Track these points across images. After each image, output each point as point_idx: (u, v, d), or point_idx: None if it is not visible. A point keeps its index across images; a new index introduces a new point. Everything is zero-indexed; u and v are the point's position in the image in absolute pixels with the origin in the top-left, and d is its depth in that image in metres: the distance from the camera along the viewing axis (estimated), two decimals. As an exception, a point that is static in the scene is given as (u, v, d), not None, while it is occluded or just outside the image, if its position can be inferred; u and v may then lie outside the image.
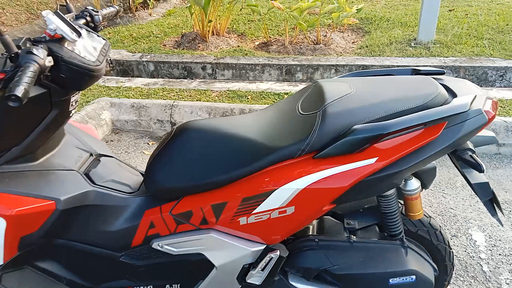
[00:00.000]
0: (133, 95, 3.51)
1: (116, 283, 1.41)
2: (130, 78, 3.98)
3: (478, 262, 1.92)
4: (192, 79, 4.14)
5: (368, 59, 3.97)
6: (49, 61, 1.00)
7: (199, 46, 4.68)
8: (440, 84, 1.19)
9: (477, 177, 1.17)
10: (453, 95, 1.14)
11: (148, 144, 3.13)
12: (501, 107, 2.94)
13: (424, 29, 4.19)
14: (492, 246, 2.01)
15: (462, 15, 5.05)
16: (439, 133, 1.07)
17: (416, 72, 1.32)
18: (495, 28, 4.47)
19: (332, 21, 4.44)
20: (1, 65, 1.03)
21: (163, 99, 3.40)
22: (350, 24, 4.89)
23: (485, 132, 1.25)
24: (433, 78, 1.23)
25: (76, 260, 1.36)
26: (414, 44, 4.21)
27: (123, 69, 4.53)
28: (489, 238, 2.06)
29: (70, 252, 1.33)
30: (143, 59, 4.42)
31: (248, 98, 3.34)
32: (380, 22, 5.00)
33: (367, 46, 4.35)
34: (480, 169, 1.12)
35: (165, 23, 5.53)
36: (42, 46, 1.00)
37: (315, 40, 4.58)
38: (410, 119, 1.03)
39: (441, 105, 1.09)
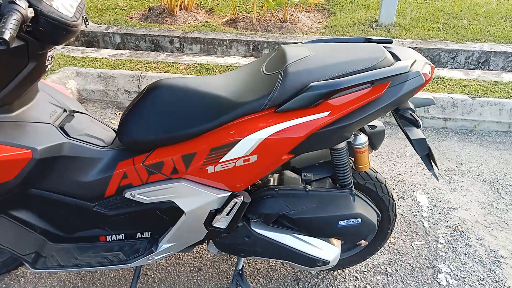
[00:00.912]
0: (99, 65, 3.50)
1: (89, 232, 1.49)
2: (95, 49, 3.93)
3: (420, 220, 2.16)
4: (160, 52, 4.15)
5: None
6: (30, 12, 1.06)
7: (167, 20, 4.67)
8: (388, 51, 1.34)
9: (416, 134, 1.34)
10: (398, 60, 1.30)
11: (115, 114, 3.16)
12: (450, 85, 3.20)
13: (385, 12, 4.39)
14: (433, 206, 2.25)
15: (421, 0, 5.30)
16: (383, 91, 1.22)
17: (368, 40, 1.47)
18: (450, 14, 4.75)
19: (299, 1, 4.55)
20: None
21: (131, 70, 3.42)
22: (316, 4, 5.03)
23: (424, 95, 1.43)
24: (383, 46, 1.39)
25: (51, 209, 1.42)
26: (376, 26, 4.42)
27: (88, 40, 4.46)
28: (431, 199, 2.30)
29: (45, 201, 1.40)
30: (109, 31, 4.37)
31: (215, 72, 3.42)
32: (345, 4, 5.16)
33: (331, 26, 4.51)
34: (417, 125, 1.29)
35: (131, -4, 5.43)
36: None
37: (282, 18, 4.68)
38: (359, 77, 1.18)
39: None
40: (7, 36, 0.92)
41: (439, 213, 2.21)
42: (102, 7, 5.00)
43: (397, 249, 1.98)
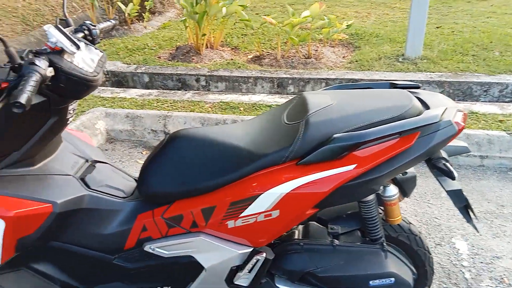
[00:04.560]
0: (127, 105, 3.58)
1: (109, 286, 1.45)
2: (125, 89, 4.05)
3: (460, 270, 1.99)
4: (186, 90, 4.22)
5: (357, 73, 4.09)
6: (50, 72, 1.07)
7: (193, 59, 4.77)
8: (415, 97, 1.28)
9: (451, 184, 1.25)
10: (426, 107, 1.23)
11: (142, 153, 3.19)
12: (484, 121, 3.05)
13: (411, 45, 4.32)
14: (475, 255, 2.08)
15: (448, 32, 5.21)
16: (413, 142, 1.15)
17: (393, 86, 1.41)
18: (479, 45, 4.63)
19: (323, 36, 4.57)
20: (4, 74, 1.09)
21: (158, 109, 3.47)
22: (340, 40, 5.03)
23: (458, 142, 1.34)
24: (409, 91, 1.32)
25: (71, 262, 1.40)
26: (402, 59, 4.35)
27: (118, 80, 4.60)
28: (472, 247, 2.14)
29: (65, 254, 1.38)
30: (138, 71, 4.50)
31: (240, 110, 3.42)
32: (369, 38, 5.14)
33: (357, 61, 4.47)
34: (452, 177, 1.20)
35: (160, 36, 5.63)
36: (43, 57, 1.07)
37: (306, 54, 4.70)
38: (386, 128, 1.11)
39: (415, 116, 1.17)
40: (23, 99, 0.93)
41: (481, 262, 2.03)
42: (132, 48, 5.19)
43: (435, 303, 1.82)
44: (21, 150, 1.25)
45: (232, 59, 4.75)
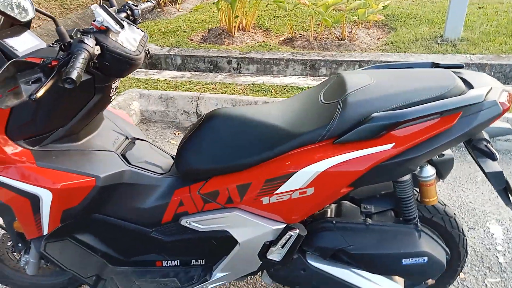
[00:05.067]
0: (161, 87, 3.65)
1: (146, 257, 1.52)
2: (158, 71, 4.12)
3: (494, 254, 1.95)
4: (218, 72, 4.25)
5: (392, 55, 3.98)
6: (97, 50, 1.11)
7: (225, 41, 4.79)
8: (458, 77, 1.24)
9: (491, 166, 1.21)
10: (470, 87, 1.19)
11: (174, 134, 3.27)
12: (527, 104, 2.91)
13: (451, 26, 4.15)
14: (510, 239, 2.03)
15: (492, 12, 4.96)
16: (454, 123, 1.12)
17: (436, 65, 1.37)
18: (525, 26, 4.39)
19: (358, 17, 4.46)
20: (54, 53, 1.15)
21: (190, 91, 3.53)
22: (376, 21, 4.89)
23: (500, 124, 1.29)
24: (452, 71, 1.28)
25: (111, 234, 1.48)
26: (441, 41, 4.19)
27: (152, 62, 4.69)
28: (507, 231, 2.08)
29: (106, 226, 1.45)
30: (170, 53, 4.56)
31: (271, 92, 3.43)
32: (406, 19, 4.97)
33: (392, 43, 4.35)
34: (493, 158, 1.17)
35: (192, 18, 5.66)
36: (90, 36, 1.12)
37: (340, 36, 4.61)
38: (426, 108, 1.09)
39: (458, 96, 1.14)
40: (74, 75, 0.97)
41: (517, 248, 1.99)
42: (165, 30, 5.25)
43: (468, 287, 1.80)
44: (67, 126, 1.32)
45: (263, 41, 4.72)
